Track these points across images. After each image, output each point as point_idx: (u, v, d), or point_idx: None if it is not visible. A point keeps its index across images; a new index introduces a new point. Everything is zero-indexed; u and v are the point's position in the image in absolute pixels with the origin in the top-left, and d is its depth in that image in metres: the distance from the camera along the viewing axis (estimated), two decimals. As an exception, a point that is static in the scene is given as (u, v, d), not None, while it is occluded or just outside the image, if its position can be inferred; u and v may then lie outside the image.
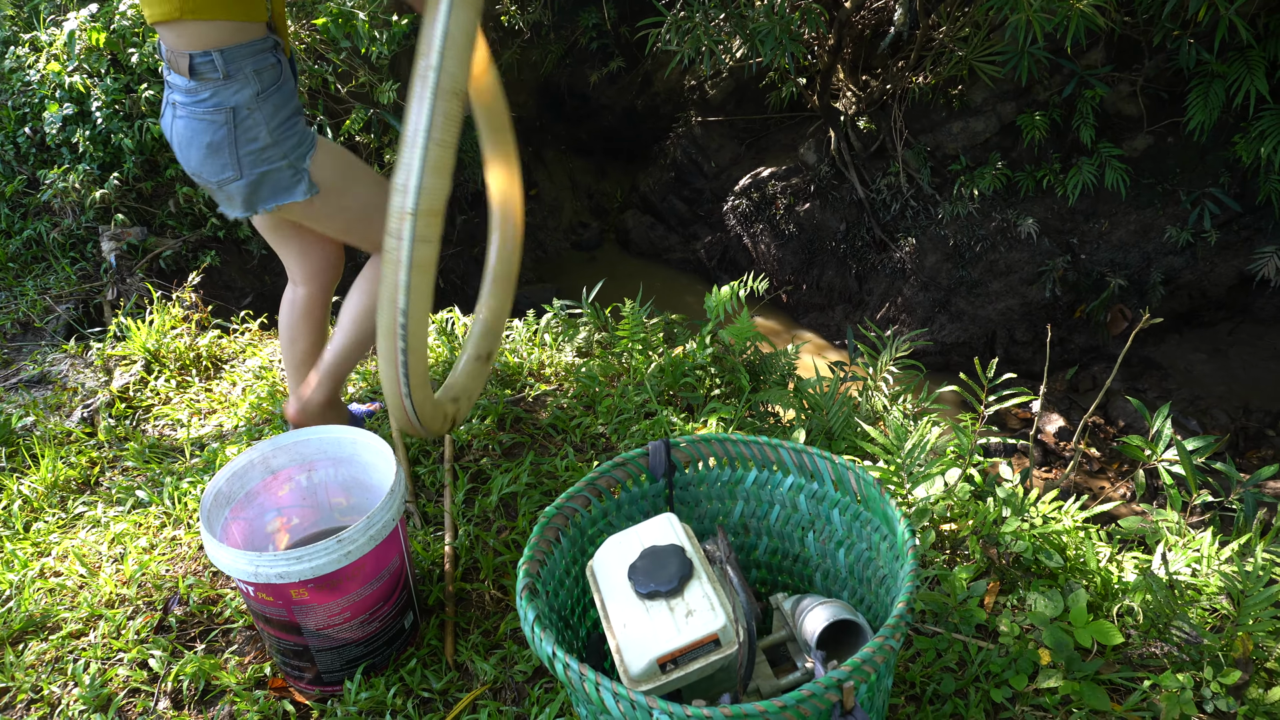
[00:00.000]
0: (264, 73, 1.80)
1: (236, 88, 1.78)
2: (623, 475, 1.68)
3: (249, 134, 1.81)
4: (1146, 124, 4.51)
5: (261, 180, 1.86)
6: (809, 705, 1.14)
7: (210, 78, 1.76)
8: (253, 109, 1.80)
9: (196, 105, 1.80)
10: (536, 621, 1.31)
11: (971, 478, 2.21)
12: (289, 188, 1.88)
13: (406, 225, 1.56)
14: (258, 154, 1.83)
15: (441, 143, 1.56)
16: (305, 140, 1.88)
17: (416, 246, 1.57)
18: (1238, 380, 4.49)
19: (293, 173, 1.87)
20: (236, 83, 1.78)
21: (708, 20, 4.17)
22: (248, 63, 1.78)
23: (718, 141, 5.98)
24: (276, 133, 1.83)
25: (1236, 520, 2.14)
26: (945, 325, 4.89)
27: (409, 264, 1.57)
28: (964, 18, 4.48)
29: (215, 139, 1.81)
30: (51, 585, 2.10)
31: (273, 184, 1.87)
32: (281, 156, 1.85)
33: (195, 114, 1.81)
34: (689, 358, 2.78)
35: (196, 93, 1.78)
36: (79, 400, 2.92)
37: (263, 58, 1.80)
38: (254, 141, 1.82)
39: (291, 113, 1.86)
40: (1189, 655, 1.72)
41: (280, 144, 1.84)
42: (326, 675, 1.76)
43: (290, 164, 1.86)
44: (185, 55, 1.75)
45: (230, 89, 1.78)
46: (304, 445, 1.92)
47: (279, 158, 1.85)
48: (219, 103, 1.79)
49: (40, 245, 3.97)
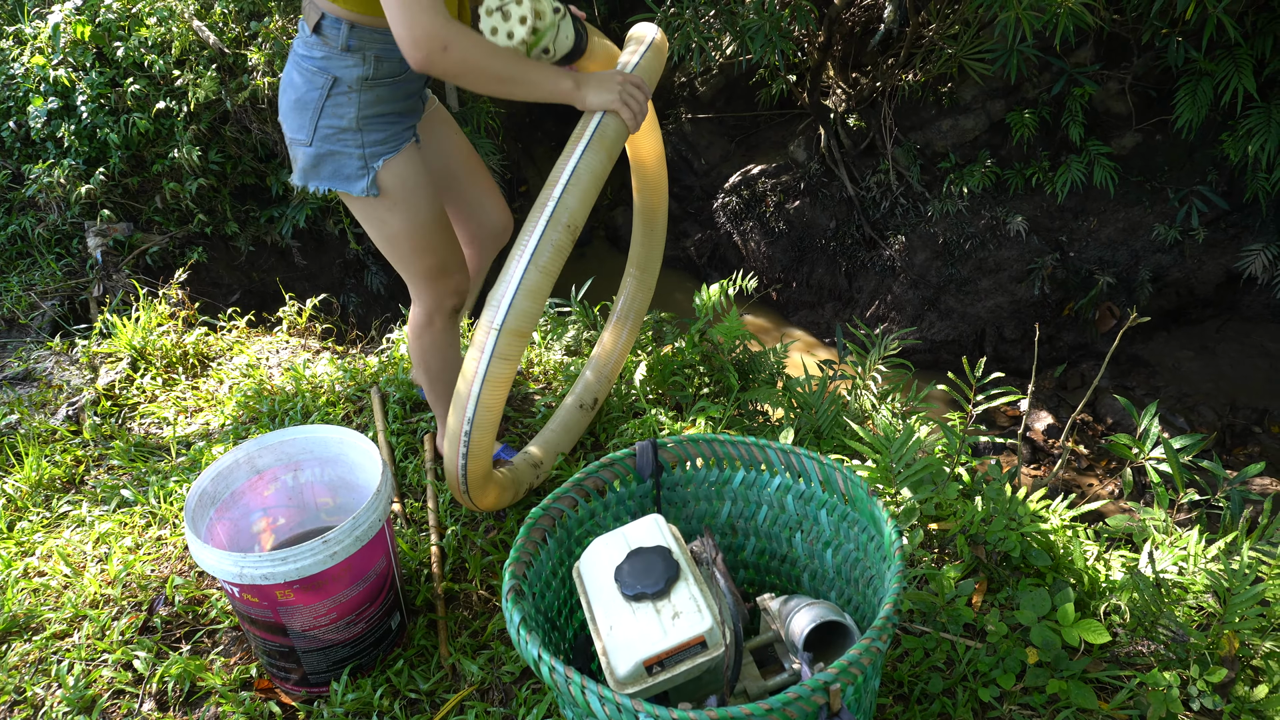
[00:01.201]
0: (384, 63, 1.77)
1: (349, 63, 1.75)
2: (610, 476, 1.68)
3: (337, 110, 1.77)
4: (1135, 122, 4.52)
5: (326, 158, 1.83)
6: (796, 707, 1.14)
7: (330, 42, 1.74)
8: (353, 89, 1.77)
9: (305, 59, 1.78)
10: (522, 624, 1.31)
11: (959, 476, 2.21)
12: (350, 178, 1.84)
13: (490, 340, 1.65)
14: (336, 133, 1.79)
15: (543, 269, 1.65)
16: (391, 142, 1.83)
17: (494, 362, 1.66)
18: (1225, 378, 4.51)
19: (360, 165, 1.82)
20: (351, 58, 1.75)
21: (697, 16, 4.15)
22: (373, 47, 1.75)
23: (707, 139, 5.97)
24: (364, 122, 1.79)
25: (1223, 518, 2.15)
26: (934, 323, 4.89)
27: (484, 377, 1.66)
28: (953, 15, 4.47)
29: (305, 97, 1.79)
30: (35, 585, 2.08)
31: (335, 166, 1.84)
32: (357, 146, 1.80)
33: (300, 66, 1.79)
34: (678, 356, 2.77)
35: (311, 49, 1.77)
36: (64, 398, 2.89)
37: (391, 49, 1.75)
38: (338, 119, 1.78)
39: (391, 112, 1.83)
40: (1176, 653, 1.72)
41: (362, 133, 1.80)
42: (313, 676, 1.76)
43: (362, 157, 1.81)
44: (318, 10, 1.74)
45: (343, 61, 1.75)
46: (290, 445, 1.91)
47: (354, 145, 1.80)
48: (325, 67, 1.76)
49: (25, 241, 3.93)
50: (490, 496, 1.95)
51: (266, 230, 4.45)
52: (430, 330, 2.07)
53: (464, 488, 1.82)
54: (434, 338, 2.08)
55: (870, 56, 5.17)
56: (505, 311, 1.63)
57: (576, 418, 2.42)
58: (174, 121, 4.11)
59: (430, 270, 1.99)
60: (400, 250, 1.97)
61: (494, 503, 2.00)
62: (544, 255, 1.64)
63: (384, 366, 2.85)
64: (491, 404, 1.69)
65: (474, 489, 1.84)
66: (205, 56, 4.18)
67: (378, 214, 1.91)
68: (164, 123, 4.12)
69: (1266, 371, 4.50)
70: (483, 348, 1.64)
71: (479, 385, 1.66)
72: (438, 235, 1.96)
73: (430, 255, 1.97)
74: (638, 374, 2.70)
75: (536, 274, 1.63)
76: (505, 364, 1.66)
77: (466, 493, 1.84)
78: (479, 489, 1.86)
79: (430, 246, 1.96)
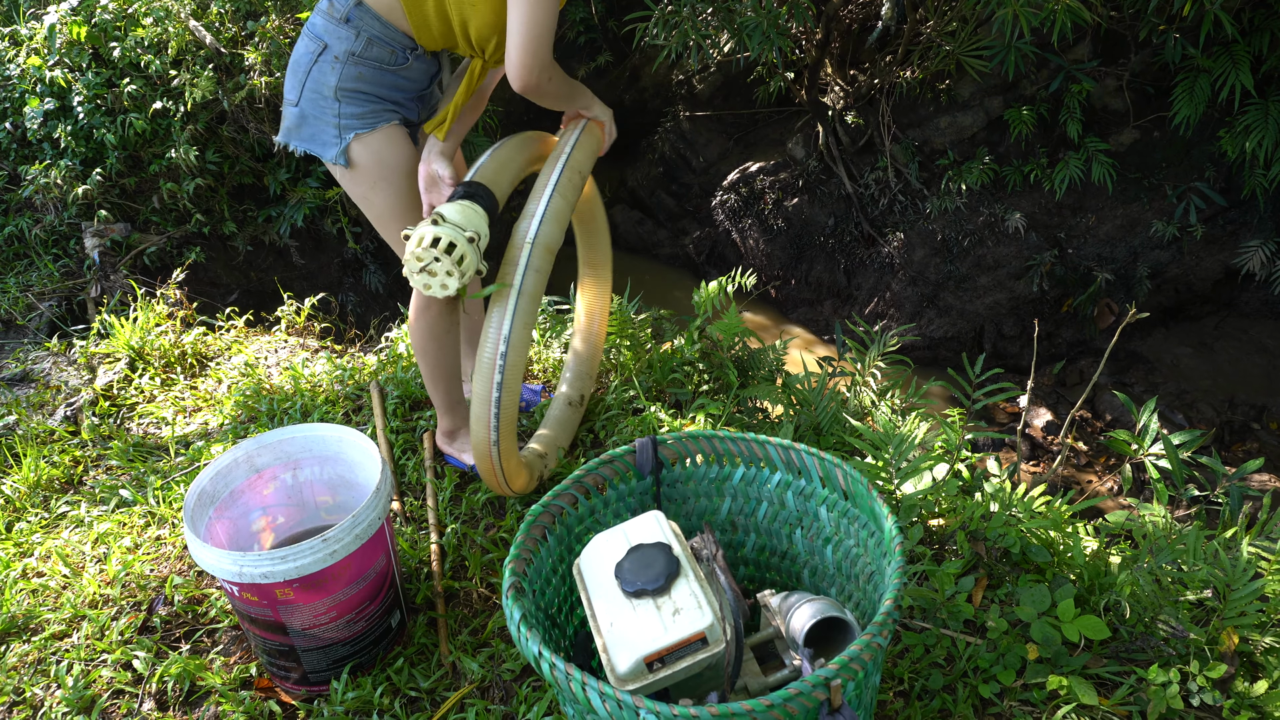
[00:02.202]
0: (375, 46, 1.87)
1: (342, 35, 1.85)
2: (610, 473, 1.67)
3: (321, 75, 1.88)
4: (1133, 119, 4.52)
5: (306, 120, 1.93)
6: (796, 703, 1.14)
7: (334, 11, 1.85)
8: (339, 60, 1.86)
9: (310, 24, 1.89)
10: (523, 621, 1.31)
11: (959, 473, 2.21)
12: (325, 144, 1.94)
13: (524, 254, 1.85)
14: (317, 97, 1.90)
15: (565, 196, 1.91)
16: (368, 119, 1.92)
17: (529, 274, 1.85)
18: (1223, 374, 4.51)
19: (335, 134, 1.92)
20: (346, 31, 1.85)
21: (695, 14, 4.15)
22: (370, 28, 1.85)
23: (706, 136, 5.96)
24: (341, 93, 1.88)
25: (1222, 514, 2.15)
26: (933, 320, 4.90)
27: (520, 289, 1.84)
28: (951, 12, 4.47)
29: (300, 59, 1.90)
30: (34, 586, 2.08)
31: (313, 131, 1.94)
32: (334, 115, 1.90)
33: (306, 31, 1.90)
34: (677, 354, 2.77)
35: (318, 14, 1.88)
36: (62, 399, 2.89)
37: (389, 39, 1.87)
38: (320, 85, 1.89)
39: (372, 93, 1.91)
40: (1175, 649, 1.72)
41: (339, 104, 1.89)
42: (313, 675, 1.75)
43: (336, 126, 1.91)
44: None
45: (337, 31, 1.85)
46: (289, 444, 1.91)
47: (330, 114, 1.90)
48: (320, 34, 1.87)
49: (22, 241, 3.93)
50: (521, 478, 2.04)
51: (264, 230, 4.44)
52: (427, 314, 2.09)
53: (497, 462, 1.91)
54: (430, 323, 2.10)
55: (868, 54, 5.17)
56: (537, 228, 1.84)
57: (568, 414, 2.46)
58: (171, 122, 4.11)
59: None
60: (387, 230, 2.07)
61: (524, 484, 2.08)
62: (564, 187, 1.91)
63: (383, 365, 2.85)
64: (526, 321, 1.82)
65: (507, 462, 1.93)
66: (202, 56, 4.18)
67: (360, 189, 2.01)
68: (161, 123, 4.12)
69: (1265, 368, 4.50)
70: (518, 263, 1.82)
71: (514, 297, 1.80)
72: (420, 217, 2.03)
73: None
74: (637, 370, 2.70)
75: (560, 200, 1.89)
76: (538, 276, 1.84)
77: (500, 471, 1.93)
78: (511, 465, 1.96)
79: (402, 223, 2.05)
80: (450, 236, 1.75)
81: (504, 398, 1.82)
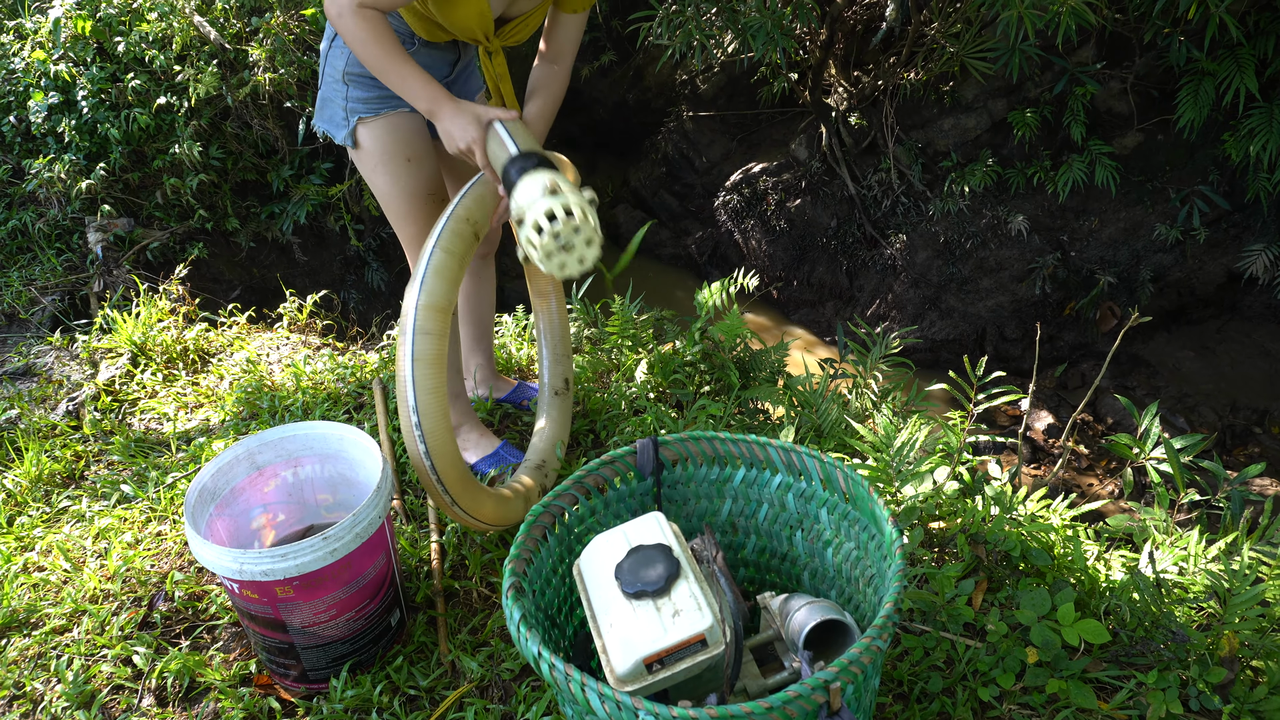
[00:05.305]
0: None
1: None
2: (610, 473, 1.68)
3: (333, 61, 1.95)
4: (1137, 121, 4.51)
5: (327, 101, 2.01)
6: (796, 706, 1.14)
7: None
8: (345, 47, 1.90)
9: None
10: (522, 621, 1.31)
11: (960, 476, 2.21)
12: (336, 125, 2.00)
13: (410, 319, 1.73)
14: (331, 81, 1.98)
15: (447, 250, 1.79)
16: (373, 105, 1.95)
17: (418, 338, 1.71)
18: (1225, 378, 4.51)
19: (343, 116, 1.98)
20: None
21: (699, 14, 4.15)
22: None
23: (709, 136, 5.96)
24: (348, 77, 1.94)
25: (1223, 518, 2.15)
26: (935, 322, 4.89)
27: (412, 356, 1.70)
28: (955, 14, 4.47)
29: (324, 46, 1.99)
30: (35, 580, 2.08)
31: (329, 112, 2.01)
32: (343, 98, 1.96)
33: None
34: (679, 354, 2.77)
35: None
36: (64, 393, 2.89)
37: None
38: (332, 70, 1.96)
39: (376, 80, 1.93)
40: (1176, 654, 1.72)
41: (347, 86, 1.95)
42: (312, 673, 1.75)
43: (344, 109, 1.97)
44: None
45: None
46: (290, 441, 1.91)
47: (339, 97, 1.97)
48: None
49: (25, 236, 3.93)
50: (487, 507, 1.89)
51: (267, 226, 4.45)
52: None
53: (441, 490, 1.74)
54: None
55: (872, 55, 5.17)
56: (419, 291, 1.72)
57: (558, 404, 2.40)
58: (175, 117, 4.11)
59: (413, 239, 2.10)
60: (390, 212, 2.10)
61: (494, 515, 1.92)
62: (448, 240, 1.78)
63: (384, 363, 2.85)
64: (431, 386, 1.69)
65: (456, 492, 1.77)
66: (206, 52, 4.18)
67: (366, 170, 2.05)
68: (165, 118, 4.12)
69: (1267, 372, 4.50)
70: (405, 329, 1.71)
71: (409, 365, 1.69)
72: (424, 208, 2.07)
73: (413, 224, 2.09)
74: (639, 371, 2.69)
75: (443, 255, 1.76)
76: (429, 339, 1.70)
77: (450, 500, 1.77)
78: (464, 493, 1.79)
79: (413, 216, 2.08)
80: (581, 201, 1.60)
81: (438, 464, 1.72)
